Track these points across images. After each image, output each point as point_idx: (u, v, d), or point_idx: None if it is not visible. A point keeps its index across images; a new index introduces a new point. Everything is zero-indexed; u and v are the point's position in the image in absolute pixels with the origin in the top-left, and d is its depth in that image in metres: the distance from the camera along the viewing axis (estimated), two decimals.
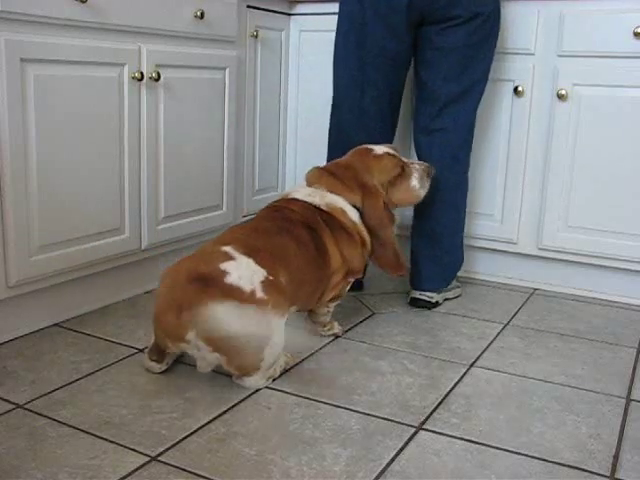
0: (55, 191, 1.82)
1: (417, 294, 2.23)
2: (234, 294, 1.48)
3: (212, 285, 1.48)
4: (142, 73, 2.00)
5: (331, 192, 1.85)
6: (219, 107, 2.37)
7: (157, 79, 2.05)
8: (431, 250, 2.22)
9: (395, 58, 2.10)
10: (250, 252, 1.57)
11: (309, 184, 1.90)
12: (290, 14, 2.68)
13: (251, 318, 1.48)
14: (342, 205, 1.84)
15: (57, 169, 1.82)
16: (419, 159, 2.17)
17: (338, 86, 2.20)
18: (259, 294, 1.50)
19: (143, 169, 2.09)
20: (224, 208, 2.46)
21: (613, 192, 2.26)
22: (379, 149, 1.93)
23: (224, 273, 1.49)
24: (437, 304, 2.24)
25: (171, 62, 2.12)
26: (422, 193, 1.98)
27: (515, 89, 2.33)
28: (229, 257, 1.54)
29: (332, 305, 1.91)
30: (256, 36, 2.51)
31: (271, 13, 2.58)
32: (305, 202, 1.81)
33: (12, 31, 1.67)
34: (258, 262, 1.55)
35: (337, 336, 1.94)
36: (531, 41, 2.30)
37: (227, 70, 2.37)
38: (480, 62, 2.12)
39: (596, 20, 2.19)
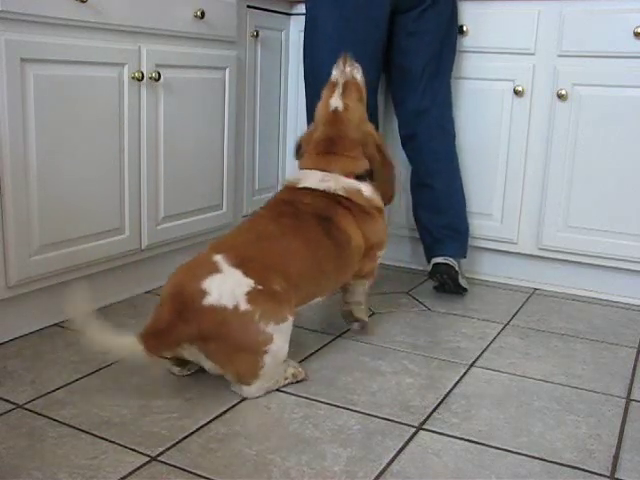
0: (55, 191, 1.82)
1: (440, 259, 2.27)
2: (211, 316, 1.47)
3: (189, 310, 1.48)
4: (142, 73, 2.00)
5: (344, 174, 1.80)
6: (219, 107, 2.36)
7: (157, 79, 2.05)
8: (439, 219, 2.31)
9: (377, 47, 2.21)
10: (240, 263, 1.53)
11: (309, 168, 1.83)
12: (290, 14, 2.68)
13: (235, 332, 1.48)
14: (357, 186, 1.81)
15: (57, 169, 1.82)
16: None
17: (322, 73, 2.06)
18: (243, 307, 1.48)
19: (143, 169, 2.09)
20: (224, 208, 2.46)
21: (613, 192, 2.26)
22: (334, 103, 1.84)
23: (204, 294, 1.48)
24: (457, 275, 2.24)
25: (171, 62, 2.12)
26: None
27: (515, 89, 2.33)
28: (216, 269, 1.52)
29: (367, 283, 1.93)
30: (256, 36, 2.51)
31: (271, 13, 2.58)
32: (318, 190, 1.77)
33: (12, 31, 1.67)
34: (247, 273, 1.52)
35: (362, 326, 1.96)
36: (531, 41, 2.30)
37: (227, 70, 2.37)
38: (449, 39, 2.31)
39: (596, 20, 2.19)
